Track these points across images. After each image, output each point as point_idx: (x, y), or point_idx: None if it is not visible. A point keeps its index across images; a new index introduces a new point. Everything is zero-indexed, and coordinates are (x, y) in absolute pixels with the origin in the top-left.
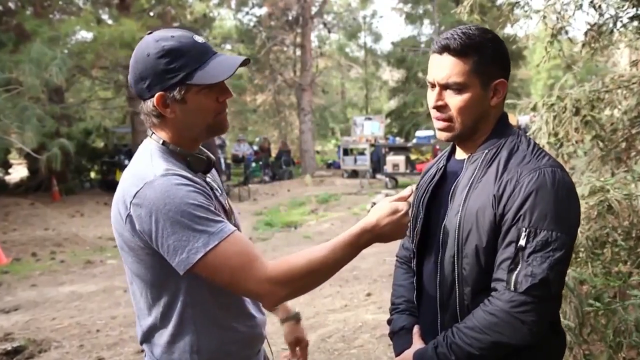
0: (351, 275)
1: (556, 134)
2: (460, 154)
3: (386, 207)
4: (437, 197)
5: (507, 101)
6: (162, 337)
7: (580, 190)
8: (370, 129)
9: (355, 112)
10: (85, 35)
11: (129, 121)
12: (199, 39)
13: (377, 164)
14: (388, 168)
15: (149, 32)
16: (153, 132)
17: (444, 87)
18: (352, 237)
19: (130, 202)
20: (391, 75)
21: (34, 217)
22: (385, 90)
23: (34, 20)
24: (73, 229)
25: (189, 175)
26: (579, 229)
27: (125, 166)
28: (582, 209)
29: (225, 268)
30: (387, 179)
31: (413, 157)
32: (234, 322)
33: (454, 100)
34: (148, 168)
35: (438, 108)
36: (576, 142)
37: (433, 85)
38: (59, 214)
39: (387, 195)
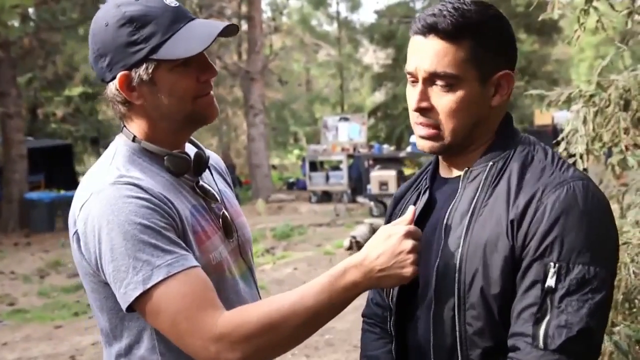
0: (322, 340)
1: (600, 138)
2: (446, 171)
3: (379, 233)
4: (423, 231)
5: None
6: None
7: (635, 214)
8: (347, 134)
9: (326, 111)
10: None
11: None
12: (171, 1)
13: (358, 183)
14: (373, 188)
15: None
16: (124, 126)
17: (430, 81)
18: (332, 277)
19: (77, 216)
20: (375, 57)
21: None
22: (368, 79)
23: None
24: None
25: (147, 186)
26: (632, 269)
27: None
28: None
29: (166, 313)
30: (372, 204)
31: (407, 171)
32: None
33: (443, 101)
34: (102, 173)
35: (421, 111)
36: (627, 148)
37: (414, 80)
38: None
39: (372, 225)
